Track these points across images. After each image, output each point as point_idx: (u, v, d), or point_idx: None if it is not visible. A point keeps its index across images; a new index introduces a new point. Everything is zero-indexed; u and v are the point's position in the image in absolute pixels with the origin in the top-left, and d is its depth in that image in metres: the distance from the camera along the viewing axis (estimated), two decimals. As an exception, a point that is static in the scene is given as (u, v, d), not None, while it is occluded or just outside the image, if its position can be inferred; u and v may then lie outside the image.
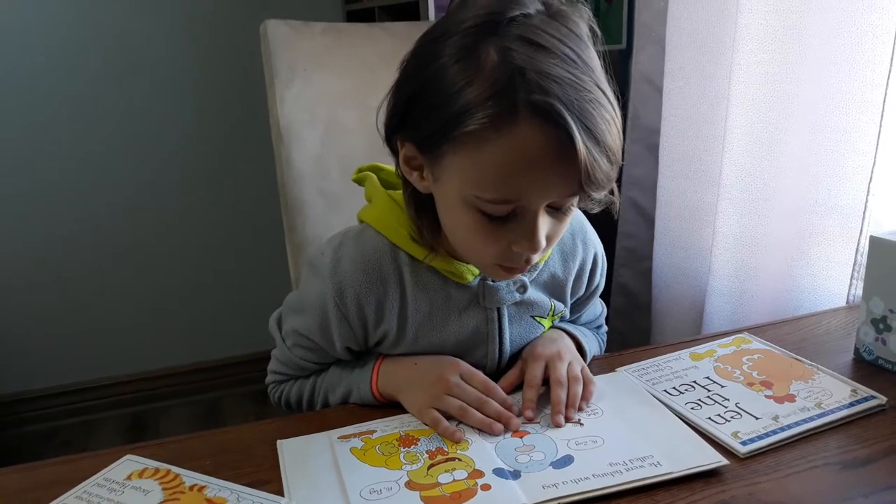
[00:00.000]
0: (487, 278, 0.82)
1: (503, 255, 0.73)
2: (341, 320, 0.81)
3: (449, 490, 0.66)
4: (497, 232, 0.70)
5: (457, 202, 0.71)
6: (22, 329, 2.26)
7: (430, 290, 0.82)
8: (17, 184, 2.14)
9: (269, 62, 1.18)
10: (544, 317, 0.89)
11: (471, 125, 0.64)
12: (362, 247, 0.81)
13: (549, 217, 0.71)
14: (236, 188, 2.34)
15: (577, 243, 0.88)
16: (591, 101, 0.64)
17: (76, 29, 2.09)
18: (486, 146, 0.65)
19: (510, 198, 0.68)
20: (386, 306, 0.81)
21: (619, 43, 1.66)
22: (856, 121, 1.10)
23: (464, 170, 0.68)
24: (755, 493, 0.65)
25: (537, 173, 0.66)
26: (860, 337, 0.90)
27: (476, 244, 0.73)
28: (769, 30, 1.16)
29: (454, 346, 0.84)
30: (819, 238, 1.19)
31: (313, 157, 1.20)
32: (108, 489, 0.67)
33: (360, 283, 0.79)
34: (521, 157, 0.65)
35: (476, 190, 0.68)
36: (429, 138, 0.69)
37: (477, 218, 0.70)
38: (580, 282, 0.91)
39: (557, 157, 0.64)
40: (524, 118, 0.63)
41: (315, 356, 0.87)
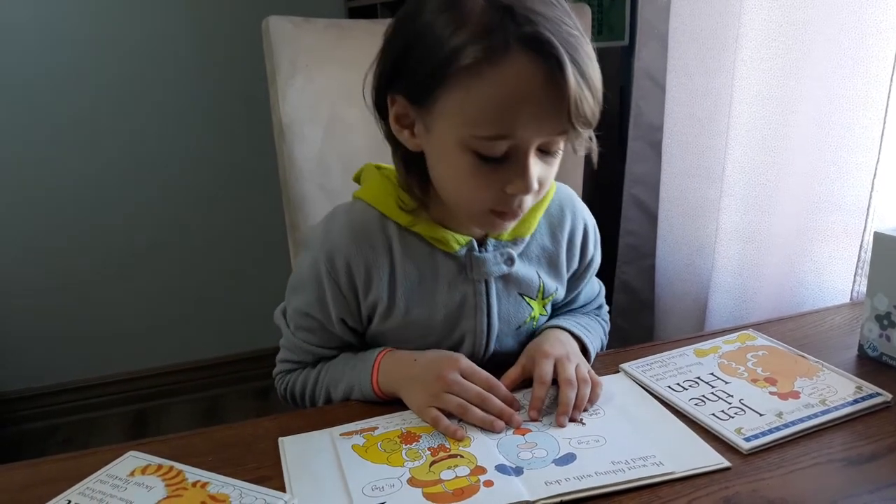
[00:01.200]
0: (475, 249, 0.84)
1: (497, 199, 0.75)
2: (333, 287, 0.83)
3: (451, 486, 0.66)
4: (491, 175, 0.73)
5: (451, 148, 0.73)
6: (23, 326, 2.26)
7: (418, 259, 0.84)
8: (19, 182, 2.14)
9: (270, 58, 1.17)
10: (533, 297, 0.89)
11: (465, 60, 0.67)
12: (352, 216, 0.84)
13: (540, 161, 0.74)
14: (238, 185, 2.34)
15: (565, 213, 0.91)
16: (574, 36, 0.68)
17: (79, 27, 2.09)
18: (480, 81, 0.67)
19: (505, 132, 0.70)
20: (374, 273, 0.83)
21: (621, 39, 1.66)
22: (859, 117, 1.09)
23: (459, 109, 0.70)
24: (759, 489, 0.65)
25: (530, 105, 0.68)
26: (864, 333, 0.89)
27: (470, 189, 0.75)
28: (772, 26, 1.16)
29: (443, 318, 0.85)
30: (823, 234, 1.18)
31: (315, 154, 1.20)
32: (112, 485, 0.67)
33: (348, 249, 0.82)
34: (514, 89, 0.67)
35: (471, 128, 0.70)
36: (421, 86, 0.72)
37: (472, 161, 0.72)
38: (573, 253, 0.92)
39: (549, 88, 0.67)
40: (516, 51, 0.67)
41: (317, 337, 0.88)
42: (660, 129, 1.45)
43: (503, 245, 0.86)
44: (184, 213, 2.32)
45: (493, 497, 0.64)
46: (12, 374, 2.29)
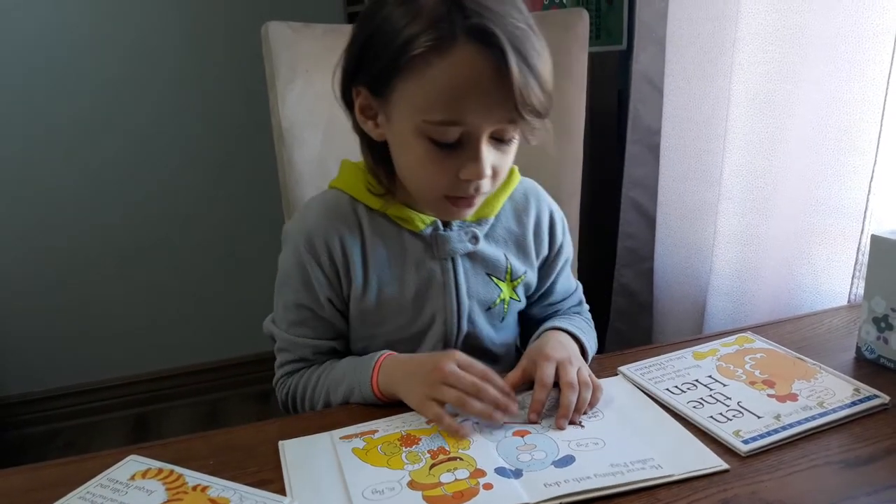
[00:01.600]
0: (440, 228, 0.88)
1: (452, 185, 0.79)
2: (316, 268, 0.87)
3: (451, 489, 0.66)
4: (446, 161, 0.77)
5: (408, 135, 0.77)
6: (24, 331, 2.27)
7: (386, 239, 0.88)
8: (21, 185, 2.15)
9: (270, 63, 1.18)
10: (501, 279, 0.92)
11: (416, 50, 0.72)
12: (325, 201, 0.90)
13: (494, 149, 0.78)
14: (238, 188, 2.34)
15: (529, 200, 0.95)
16: (520, 29, 0.72)
17: (79, 31, 2.09)
18: (431, 70, 0.72)
19: (455, 119, 0.74)
20: (349, 249, 0.87)
21: (619, 43, 1.66)
22: (857, 120, 1.10)
23: (412, 97, 0.75)
24: (757, 491, 0.65)
25: (477, 94, 0.72)
26: (862, 336, 0.90)
27: (427, 175, 0.79)
28: (770, 29, 1.16)
29: (413, 296, 0.89)
30: (820, 237, 1.19)
31: (314, 159, 1.20)
32: (112, 489, 0.67)
33: (324, 229, 0.87)
34: (462, 78, 0.72)
35: (424, 114, 0.74)
36: (379, 76, 0.76)
37: (427, 147, 0.76)
38: (540, 238, 0.95)
39: (494, 78, 0.71)
40: (462, 41, 0.71)
41: (311, 330, 0.90)
42: (658, 133, 1.45)
43: (468, 225, 0.90)
44: (184, 216, 2.32)
45: (493, 500, 0.64)
46: (13, 378, 2.30)
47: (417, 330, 0.91)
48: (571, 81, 1.24)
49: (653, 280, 1.54)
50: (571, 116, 1.25)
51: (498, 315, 0.93)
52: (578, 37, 1.24)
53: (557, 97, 1.23)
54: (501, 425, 0.76)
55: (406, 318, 0.90)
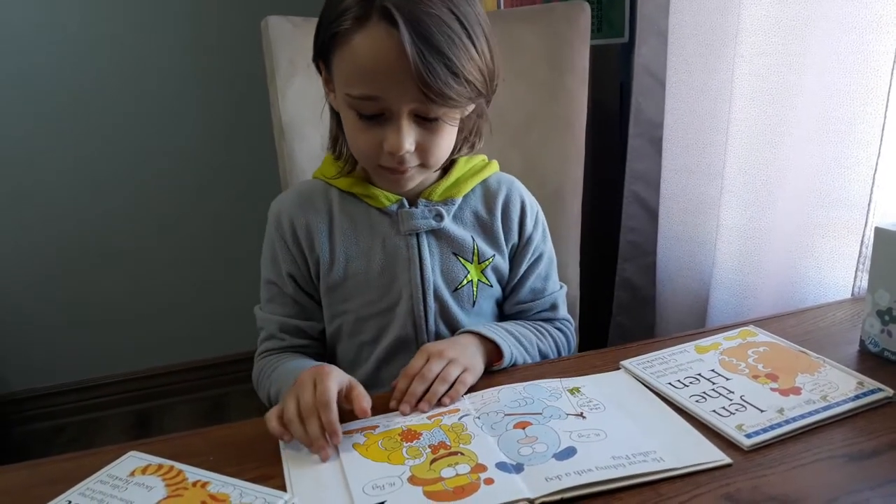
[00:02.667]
0: (405, 206, 0.92)
1: (379, 156, 0.83)
2: (280, 243, 0.93)
3: (451, 484, 0.66)
4: (371, 131, 0.81)
5: (342, 105, 0.83)
6: (28, 327, 2.27)
7: (354, 216, 0.93)
8: (22, 182, 2.15)
9: (270, 58, 1.17)
10: (468, 259, 0.94)
11: (341, 26, 0.77)
12: (299, 187, 0.98)
13: (418, 127, 0.81)
14: (240, 184, 2.34)
15: (501, 187, 0.97)
16: (432, 16, 0.74)
17: (78, 26, 2.09)
18: (349, 46, 0.77)
19: (370, 94, 0.78)
20: (315, 230, 0.92)
21: (621, 36, 1.65)
22: (860, 112, 1.09)
23: (339, 70, 0.80)
24: (760, 486, 0.65)
25: (386, 72, 0.75)
26: (865, 329, 0.89)
27: (358, 143, 0.84)
28: (772, 21, 1.16)
29: (380, 271, 0.92)
30: (824, 230, 1.18)
31: (314, 153, 1.20)
32: (112, 486, 0.67)
33: (292, 210, 0.93)
34: (372, 55, 0.75)
35: (346, 87, 0.80)
36: (324, 49, 0.82)
37: (354, 118, 0.82)
38: (509, 226, 0.96)
39: (400, 58, 0.74)
40: (374, 21, 0.75)
41: (279, 306, 0.96)
42: (660, 126, 1.44)
43: (433, 203, 0.93)
44: (185, 211, 2.32)
45: (494, 495, 0.64)
46: (17, 374, 2.30)
47: (386, 306, 0.93)
48: (573, 74, 1.24)
49: (655, 274, 1.53)
50: (573, 109, 1.25)
51: (467, 298, 0.95)
52: (580, 29, 1.23)
53: (559, 90, 1.24)
54: (502, 417, 0.76)
55: (374, 293, 0.92)
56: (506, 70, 1.23)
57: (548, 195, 1.15)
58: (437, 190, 0.93)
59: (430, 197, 0.92)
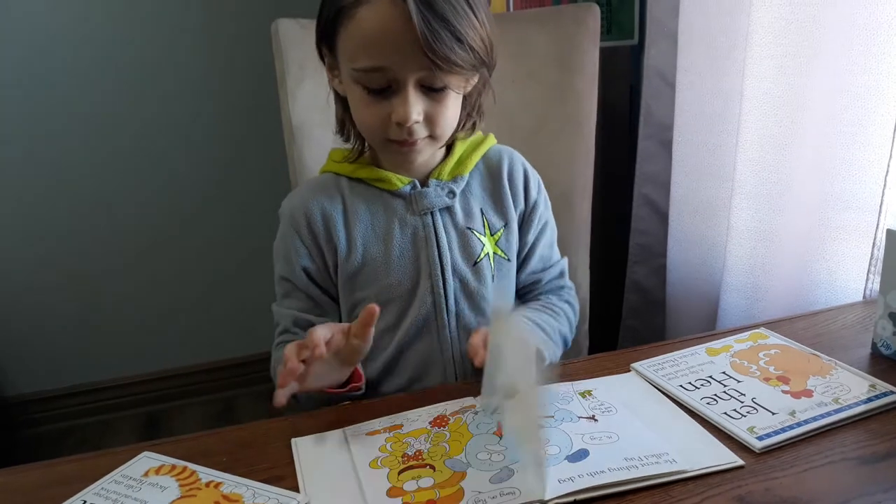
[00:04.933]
0: (417, 186, 0.93)
1: (389, 129, 0.84)
2: (295, 237, 0.93)
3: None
4: (379, 105, 0.83)
5: (349, 83, 0.84)
6: (38, 330, 2.28)
7: (368, 201, 0.94)
8: (33, 183, 2.16)
9: (280, 60, 1.18)
10: (481, 233, 0.95)
11: (344, 2, 0.79)
12: (311, 181, 1.00)
13: (425, 97, 0.83)
14: (250, 187, 2.34)
15: (503, 157, 1.00)
16: None
17: (90, 28, 2.10)
18: (354, 20, 0.79)
19: (376, 65, 0.79)
20: (331, 219, 0.93)
21: (631, 38, 1.65)
22: (871, 114, 1.09)
23: (344, 47, 0.82)
24: (772, 488, 0.65)
25: (392, 43, 0.77)
26: (877, 331, 0.89)
27: (365, 119, 0.85)
28: (782, 23, 1.15)
29: (399, 254, 0.92)
30: (835, 233, 1.18)
31: (324, 156, 1.20)
32: (126, 486, 0.68)
33: (306, 202, 0.94)
34: (376, 26, 0.77)
35: (352, 62, 0.81)
36: (327, 31, 0.83)
37: (361, 93, 0.83)
38: (516, 191, 0.99)
39: (404, 29, 0.76)
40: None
41: (293, 301, 0.96)
42: (670, 128, 1.44)
43: (444, 182, 0.94)
44: (194, 214, 2.33)
45: (507, 497, 0.64)
46: (27, 376, 2.31)
47: (406, 288, 0.93)
48: (583, 76, 1.24)
49: (665, 277, 1.53)
50: (583, 111, 1.25)
51: (487, 272, 0.96)
52: (589, 31, 1.23)
53: (569, 92, 1.24)
54: None
55: (394, 276, 0.93)
56: (515, 72, 1.24)
57: (557, 197, 1.15)
58: (444, 169, 0.94)
59: (438, 177, 0.94)
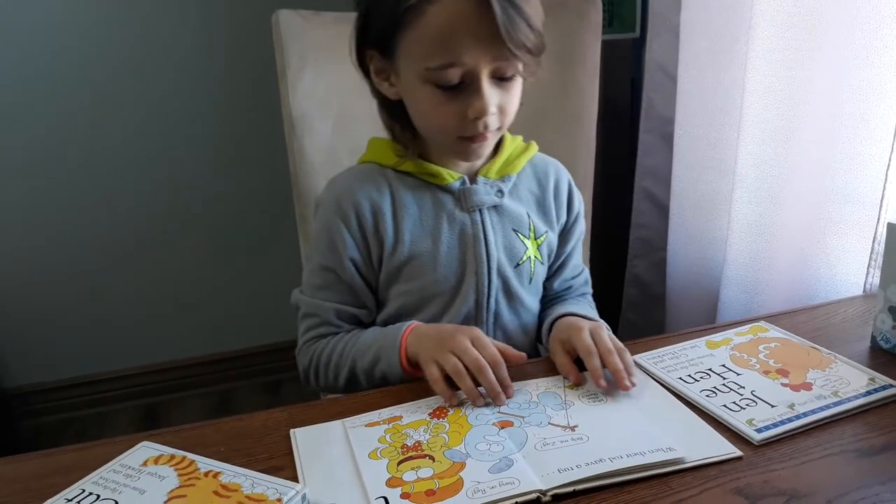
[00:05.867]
0: (467, 182, 0.92)
1: (462, 126, 0.83)
2: (343, 229, 0.90)
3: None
4: (452, 102, 0.82)
5: (415, 85, 0.83)
6: (37, 322, 2.28)
7: (417, 194, 0.92)
8: (32, 176, 2.16)
9: (280, 52, 1.18)
10: (526, 235, 0.95)
11: (409, 2, 0.78)
12: (354, 170, 0.96)
13: (497, 88, 0.83)
14: (249, 180, 2.34)
15: (549, 166, 1.01)
16: None
17: (89, 21, 2.09)
18: (424, 18, 0.78)
19: (452, 61, 0.79)
20: (379, 209, 0.91)
21: (632, 31, 1.65)
22: (873, 108, 1.09)
23: (412, 47, 0.81)
24: (771, 480, 0.65)
25: (468, 34, 0.77)
26: (877, 325, 0.89)
27: (437, 119, 0.84)
28: (785, 17, 1.15)
29: (446, 250, 0.92)
30: (835, 227, 1.18)
31: (325, 148, 1.20)
32: (125, 475, 0.68)
33: (353, 190, 0.91)
34: (450, 20, 0.77)
35: (424, 61, 0.80)
36: (384, 34, 0.82)
37: (433, 92, 0.82)
38: (560, 203, 1.00)
39: (480, 18, 0.76)
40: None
41: (334, 293, 0.93)
42: (671, 122, 1.44)
43: (493, 180, 0.94)
44: (193, 206, 2.33)
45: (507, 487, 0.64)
46: (28, 369, 2.31)
47: (452, 283, 0.93)
48: (584, 69, 1.24)
49: (666, 270, 1.53)
50: (584, 105, 1.25)
51: (526, 274, 0.96)
52: (591, 24, 1.23)
53: (570, 85, 1.24)
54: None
55: (441, 271, 0.92)
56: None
57: (558, 190, 1.15)
58: (493, 168, 0.94)
59: (487, 175, 0.94)
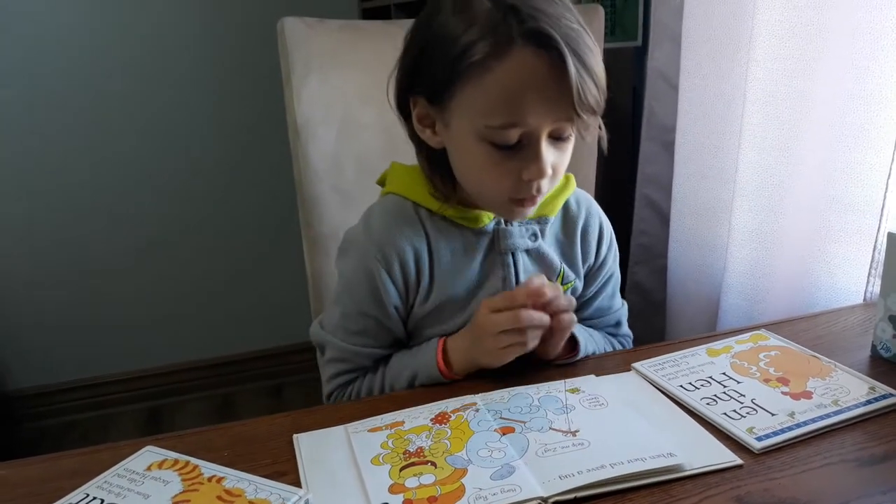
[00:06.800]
0: (501, 223, 0.89)
1: (515, 188, 0.79)
2: (386, 276, 0.86)
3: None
4: (507, 163, 0.78)
5: (469, 140, 0.78)
6: (42, 325, 2.29)
7: (450, 238, 0.88)
8: (34, 179, 2.17)
9: (285, 59, 1.18)
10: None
11: (474, 57, 0.73)
12: (387, 208, 0.90)
13: (552, 147, 0.79)
14: (253, 185, 2.35)
15: (580, 210, 0.95)
16: (574, 30, 0.74)
17: (95, 26, 2.11)
18: (489, 74, 0.73)
19: (515, 121, 0.75)
20: (420, 255, 0.87)
21: (634, 40, 1.66)
22: (873, 118, 1.09)
23: (472, 103, 0.76)
24: (770, 488, 0.65)
25: (536, 95, 0.74)
26: (877, 334, 0.89)
27: (490, 179, 0.80)
28: (786, 26, 1.16)
29: (477, 293, 0.89)
30: (836, 235, 1.18)
31: (329, 154, 1.20)
32: (129, 479, 0.68)
33: (394, 238, 0.86)
34: (520, 80, 0.73)
35: (485, 119, 0.75)
36: (437, 85, 0.78)
37: (488, 151, 0.77)
38: (587, 247, 0.96)
39: (552, 79, 0.72)
40: (520, 45, 0.72)
41: (372, 338, 0.90)
42: (672, 130, 1.45)
43: (528, 222, 0.91)
44: (196, 211, 2.34)
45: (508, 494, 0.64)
46: (32, 372, 2.32)
47: None
48: (586, 78, 1.24)
49: (666, 278, 1.53)
50: (586, 113, 1.25)
51: None
52: (593, 32, 1.23)
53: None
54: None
55: (469, 312, 0.89)
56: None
57: (560, 198, 1.15)
58: None
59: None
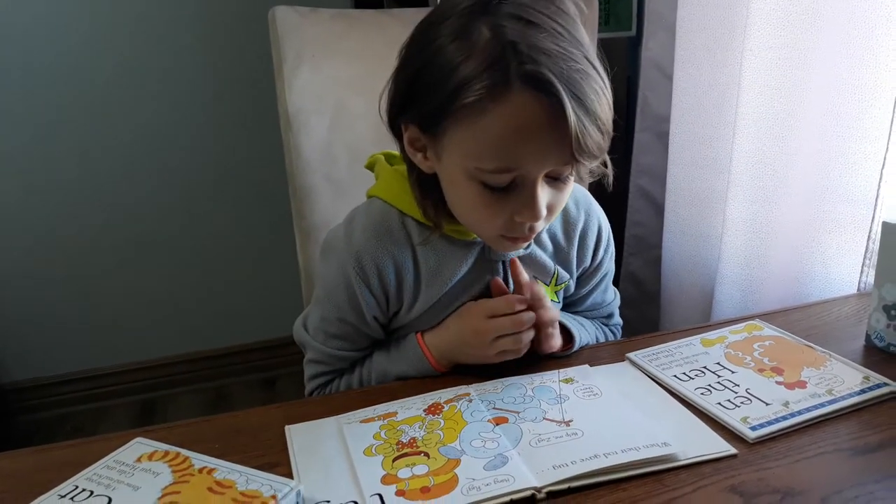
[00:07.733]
0: None
1: (507, 227, 0.76)
2: (364, 289, 0.84)
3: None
4: (499, 203, 0.74)
5: (460, 177, 0.74)
6: (35, 318, 2.28)
7: (438, 249, 0.85)
8: (31, 172, 2.15)
9: (277, 48, 1.17)
10: (546, 283, 0.91)
11: (468, 98, 0.68)
12: (372, 216, 0.85)
13: (549, 187, 0.75)
14: (244, 175, 2.34)
15: (580, 212, 0.92)
16: (579, 71, 0.68)
17: (84, 20, 2.09)
18: (484, 117, 0.68)
19: (509, 166, 0.71)
20: (402, 268, 0.84)
21: (628, 29, 1.65)
22: (868, 107, 1.09)
23: (464, 143, 0.71)
24: (765, 478, 0.65)
25: (532, 141, 0.69)
26: (871, 323, 0.89)
27: (480, 217, 0.77)
28: (781, 15, 1.15)
29: (463, 295, 0.87)
30: (830, 225, 1.18)
31: (321, 144, 1.20)
32: (119, 471, 0.68)
33: (375, 249, 0.83)
34: (516, 125, 0.68)
35: (476, 161, 0.71)
36: (430, 116, 0.73)
37: (479, 190, 0.73)
38: (584, 251, 0.93)
39: (550, 125, 0.67)
40: (517, 88, 0.67)
41: (350, 343, 0.89)
42: (667, 120, 1.44)
43: None
44: (189, 202, 2.32)
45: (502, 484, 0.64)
46: (22, 364, 2.31)
47: None
48: (580, 67, 1.23)
49: (660, 268, 1.53)
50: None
51: None
52: (587, 22, 1.22)
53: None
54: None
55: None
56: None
57: (554, 188, 1.15)
58: None
59: None
